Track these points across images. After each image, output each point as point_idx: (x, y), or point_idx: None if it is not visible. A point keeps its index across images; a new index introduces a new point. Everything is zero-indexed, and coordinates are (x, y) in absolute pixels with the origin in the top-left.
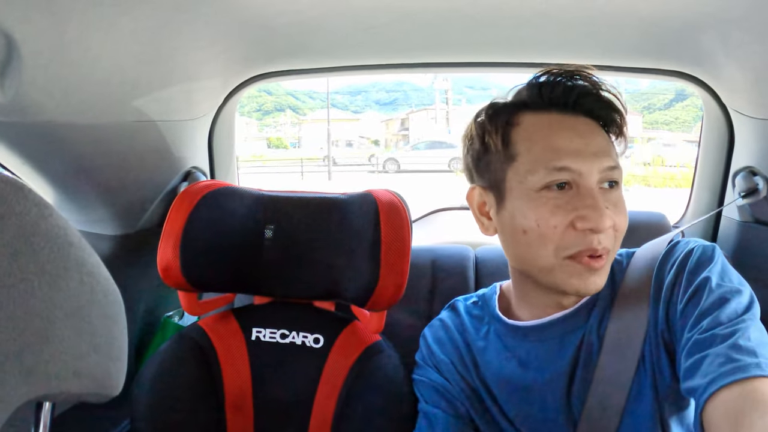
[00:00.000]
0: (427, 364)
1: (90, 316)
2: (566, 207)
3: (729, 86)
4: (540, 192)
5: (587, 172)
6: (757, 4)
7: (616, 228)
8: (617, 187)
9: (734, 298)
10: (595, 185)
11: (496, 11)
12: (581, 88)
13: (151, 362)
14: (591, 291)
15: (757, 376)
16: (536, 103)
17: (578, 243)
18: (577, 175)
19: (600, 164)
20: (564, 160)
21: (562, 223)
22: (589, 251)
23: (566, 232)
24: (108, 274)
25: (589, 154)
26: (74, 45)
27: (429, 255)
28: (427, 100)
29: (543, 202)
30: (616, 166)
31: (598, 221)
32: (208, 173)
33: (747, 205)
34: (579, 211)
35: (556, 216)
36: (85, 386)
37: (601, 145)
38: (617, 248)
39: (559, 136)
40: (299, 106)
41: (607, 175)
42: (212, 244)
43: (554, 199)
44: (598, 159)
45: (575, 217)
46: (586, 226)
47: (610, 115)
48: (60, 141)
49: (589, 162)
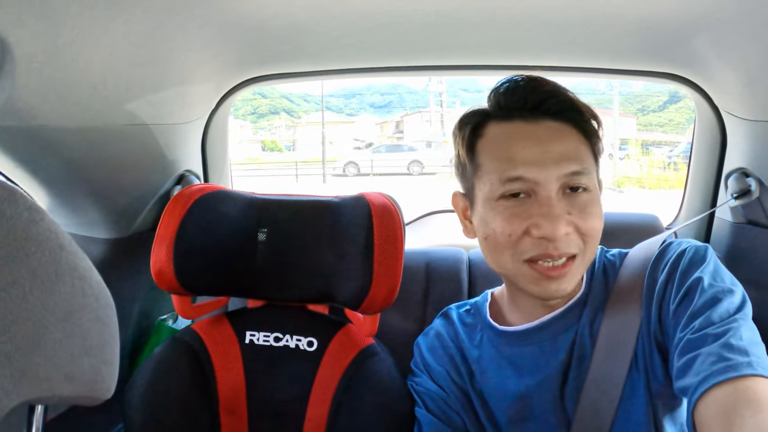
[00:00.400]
0: (421, 372)
1: (81, 320)
2: (522, 215)
3: (721, 88)
4: (498, 201)
5: (544, 180)
6: (749, 6)
7: (582, 232)
8: (586, 192)
9: (726, 297)
10: (554, 192)
11: (490, 14)
12: (538, 94)
13: (144, 366)
14: (554, 296)
15: (748, 375)
16: (498, 113)
17: (533, 249)
18: (534, 183)
19: (560, 171)
20: (518, 170)
21: (516, 231)
22: (544, 257)
23: (522, 239)
24: (99, 277)
25: (547, 161)
26: (67, 48)
27: (422, 258)
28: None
29: (500, 210)
30: (581, 171)
31: (551, 229)
32: (201, 176)
33: (739, 207)
34: (533, 219)
35: (511, 224)
36: (77, 389)
37: (565, 150)
38: (590, 251)
39: (515, 146)
40: (294, 109)
41: (570, 180)
42: (205, 248)
43: (511, 207)
44: (557, 165)
45: (530, 225)
46: (539, 234)
47: (578, 116)
48: (53, 144)
49: (545, 170)
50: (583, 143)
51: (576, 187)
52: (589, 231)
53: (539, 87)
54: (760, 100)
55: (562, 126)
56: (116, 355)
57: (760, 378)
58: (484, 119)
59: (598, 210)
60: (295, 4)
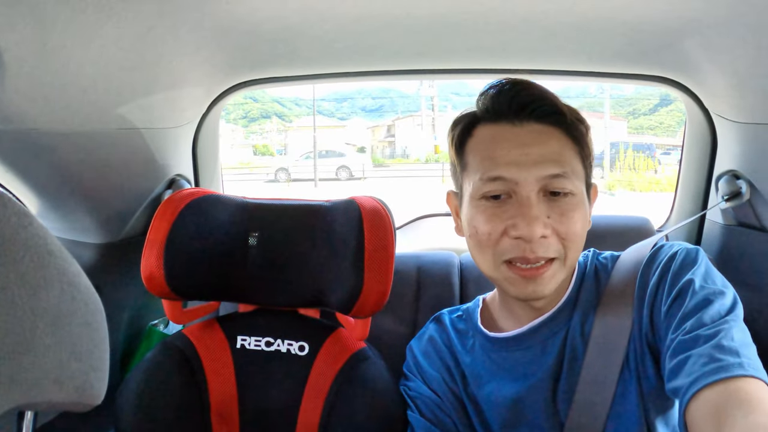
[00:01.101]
0: (414, 376)
1: (71, 325)
2: (502, 216)
3: (711, 91)
4: (480, 201)
5: (523, 181)
6: (739, 9)
7: (563, 236)
8: (568, 196)
9: (717, 299)
10: (533, 194)
11: (481, 18)
12: (523, 98)
13: (135, 371)
14: (531, 298)
15: (739, 376)
16: (486, 116)
17: (511, 250)
18: (513, 184)
19: (539, 172)
20: (498, 170)
21: (496, 231)
22: (522, 259)
23: (501, 240)
24: (89, 282)
25: (528, 162)
26: (58, 52)
27: (414, 261)
28: (413, 106)
29: (481, 210)
30: (561, 174)
31: (528, 231)
32: (192, 181)
33: (730, 209)
34: (512, 220)
35: (490, 224)
36: (66, 395)
37: (547, 153)
38: (572, 256)
39: (498, 147)
40: (285, 113)
41: (550, 183)
42: (196, 252)
43: (491, 207)
44: (537, 167)
45: (507, 225)
46: (515, 234)
47: (560, 119)
48: (43, 149)
49: (525, 171)
50: (568, 147)
51: (557, 191)
52: (569, 236)
53: (524, 91)
54: (750, 103)
55: (547, 129)
56: (106, 361)
57: (751, 379)
58: (475, 121)
59: (581, 215)
60: (287, 8)
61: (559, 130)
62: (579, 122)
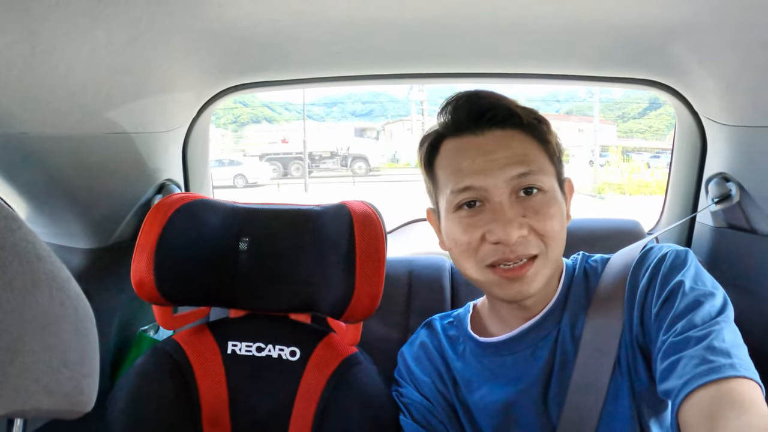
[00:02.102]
0: (406, 382)
1: (60, 331)
2: (478, 224)
3: (701, 94)
4: (455, 213)
5: (492, 187)
6: (728, 12)
7: (541, 233)
8: (539, 193)
9: (708, 300)
10: (505, 198)
11: (472, 21)
12: (479, 107)
13: (125, 378)
14: (519, 297)
15: (731, 377)
16: (449, 131)
17: (492, 254)
18: (484, 191)
19: (505, 175)
20: (466, 180)
21: (474, 239)
22: (503, 261)
23: (481, 246)
24: (78, 288)
25: (494, 169)
26: (47, 56)
27: (405, 266)
28: (403, 111)
29: (457, 221)
30: (528, 172)
31: (503, 234)
32: (182, 185)
33: (720, 211)
34: (487, 226)
35: (468, 233)
36: (56, 402)
37: (511, 155)
38: (553, 251)
39: (463, 158)
40: (275, 118)
41: (520, 182)
42: (186, 258)
43: (466, 217)
44: (502, 170)
45: (484, 232)
46: (492, 239)
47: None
48: (33, 153)
49: (492, 177)
50: (533, 147)
51: (529, 189)
52: (546, 232)
53: (480, 100)
54: (740, 106)
55: (509, 133)
56: (96, 367)
57: (743, 379)
58: (440, 138)
59: (556, 210)
60: (278, 12)
61: (521, 132)
62: (538, 122)
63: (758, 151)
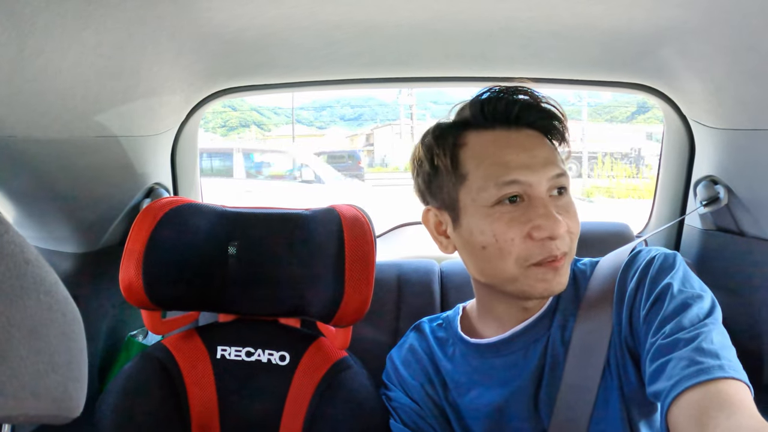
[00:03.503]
0: (394, 386)
1: (48, 336)
2: (521, 219)
3: (689, 97)
4: (494, 207)
5: (536, 183)
6: (715, 16)
7: (570, 231)
8: (566, 193)
9: (696, 303)
10: (545, 194)
11: (460, 26)
12: (522, 103)
13: (114, 383)
14: (557, 290)
15: (720, 378)
16: (480, 122)
17: (539, 252)
18: (527, 186)
19: (547, 173)
20: (512, 174)
21: (518, 235)
22: (550, 258)
23: (525, 243)
24: (66, 292)
25: (536, 165)
26: (36, 58)
27: (394, 270)
28: (392, 115)
29: (498, 216)
30: (563, 173)
31: (554, 229)
32: (171, 189)
33: (708, 214)
34: (534, 222)
35: (512, 229)
36: (44, 407)
37: (547, 155)
38: (574, 249)
39: (505, 152)
40: (264, 122)
41: (556, 182)
42: (175, 262)
43: (508, 213)
44: (545, 169)
45: (531, 228)
46: (543, 234)
47: (551, 125)
48: (20, 156)
49: (537, 173)
50: (554, 149)
51: (561, 189)
52: (575, 230)
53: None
54: (728, 109)
55: (537, 134)
56: (85, 372)
57: (732, 381)
58: (463, 129)
59: (576, 210)
60: (267, 16)
61: (546, 134)
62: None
63: (746, 154)
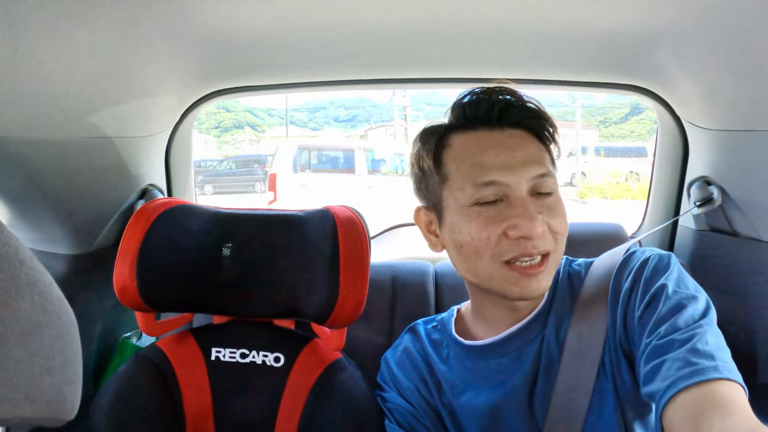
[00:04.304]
0: (389, 387)
1: (42, 338)
2: (497, 218)
3: (682, 99)
4: (472, 207)
5: (515, 183)
6: (709, 18)
7: (554, 230)
8: (552, 194)
9: (691, 304)
10: (525, 194)
11: (455, 27)
12: (503, 103)
13: (108, 385)
14: (533, 295)
15: (715, 379)
16: (462, 124)
17: (512, 249)
18: (506, 187)
19: (527, 174)
20: (490, 175)
21: (494, 234)
22: (523, 256)
23: (500, 241)
24: (61, 294)
25: (516, 165)
26: (29, 59)
27: (389, 271)
28: (386, 116)
29: (475, 216)
30: (547, 174)
31: (530, 228)
32: (165, 191)
33: (702, 214)
34: (510, 221)
35: (488, 228)
36: (38, 410)
37: (530, 155)
38: (560, 250)
39: (485, 153)
40: (258, 123)
41: (537, 183)
42: (169, 263)
43: (485, 212)
44: (525, 169)
45: (507, 227)
46: (518, 234)
47: (537, 124)
48: (13, 157)
49: (516, 174)
50: (543, 149)
51: (543, 192)
52: (559, 229)
53: (499, 96)
54: (721, 110)
55: (522, 133)
56: (79, 374)
57: (726, 381)
58: (447, 131)
59: (564, 209)
60: (262, 17)
61: (532, 134)
62: (549, 125)
63: (739, 155)
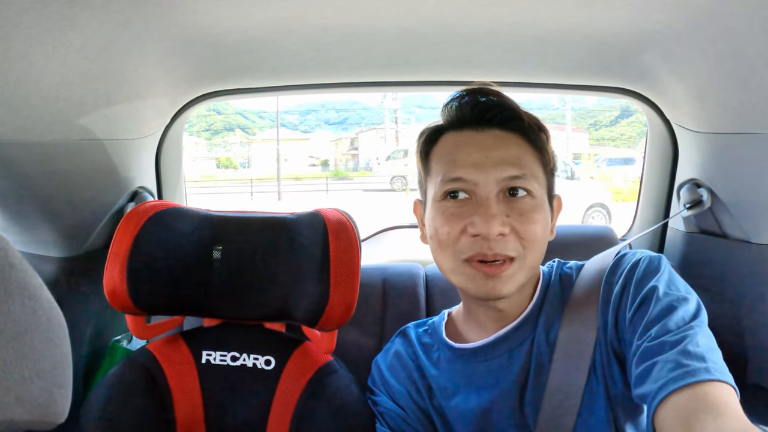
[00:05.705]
0: (380, 391)
1: (32, 341)
2: (461, 215)
3: (672, 102)
4: (440, 202)
5: (483, 182)
6: (698, 22)
7: (521, 236)
8: (527, 196)
9: (681, 305)
10: (492, 195)
11: (446, 30)
12: (483, 104)
13: (99, 388)
14: (493, 296)
15: (706, 380)
16: (451, 124)
17: (470, 248)
18: (473, 185)
19: (498, 174)
20: (458, 171)
21: (455, 230)
22: (480, 256)
23: (461, 238)
24: (51, 297)
25: (487, 165)
26: (20, 60)
27: (379, 273)
28: (377, 119)
29: (441, 210)
30: (520, 176)
31: (485, 227)
32: (155, 193)
33: (692, 217)
34: (470, 219)
35: (450, 223)
36: (28, 413)
37: (505, 156)
38: (532, 257)
39: (460, 151)
40: (249, 126)
41: (508, 183)
42: (160, 266)
43: (451, 208)
44: (497, 169)
45: (466, 224)
46: (473, 231)
47: (522, 125)
48: (3, 159)
49: (484, 173)
50: (529, 152)
51: (515, 191)
52: (527, 235)
53: (485, 98)
54: (710, 113)
55: (508, 135)
56: (69, 378)
57: (718, 383)
58: (441, 131)
59: (540, 216)
60: (253, 19)
61: (520, 136)
62: (539, 129)
63: (729, 157)
